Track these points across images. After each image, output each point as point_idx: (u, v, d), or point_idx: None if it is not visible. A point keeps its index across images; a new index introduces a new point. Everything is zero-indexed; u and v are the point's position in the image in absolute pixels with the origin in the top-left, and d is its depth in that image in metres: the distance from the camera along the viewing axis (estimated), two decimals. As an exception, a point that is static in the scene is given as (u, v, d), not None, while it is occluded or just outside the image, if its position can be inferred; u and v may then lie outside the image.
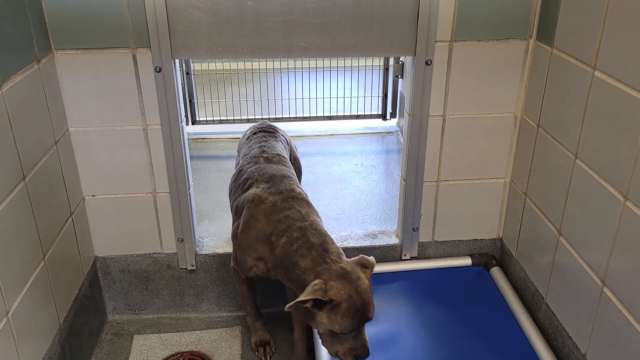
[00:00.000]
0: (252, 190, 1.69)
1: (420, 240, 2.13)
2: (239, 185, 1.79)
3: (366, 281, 1.46)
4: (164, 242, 2.07)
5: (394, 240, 2.15)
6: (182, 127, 1.93)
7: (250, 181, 1.74)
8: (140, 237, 2.05)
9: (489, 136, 1.97)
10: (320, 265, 1.46)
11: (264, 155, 1.87)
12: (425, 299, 1.99)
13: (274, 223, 1.58)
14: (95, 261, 2.08)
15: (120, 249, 2.07)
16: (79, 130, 1.87)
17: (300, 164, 2.23)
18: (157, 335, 2.11)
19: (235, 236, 1.71)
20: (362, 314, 1.43)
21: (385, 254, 2.14)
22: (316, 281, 1.42)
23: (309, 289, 1.41)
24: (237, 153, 2.11)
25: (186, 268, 2.11)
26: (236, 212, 1.73)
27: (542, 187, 1.81)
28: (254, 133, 2.06)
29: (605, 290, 1.47)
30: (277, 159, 1.86)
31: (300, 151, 3.46)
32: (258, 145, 1.94)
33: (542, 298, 1.83)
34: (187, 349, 2.05)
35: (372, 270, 1.51)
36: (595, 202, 1.51)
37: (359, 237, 2.18)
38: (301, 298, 1.39)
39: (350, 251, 2.12)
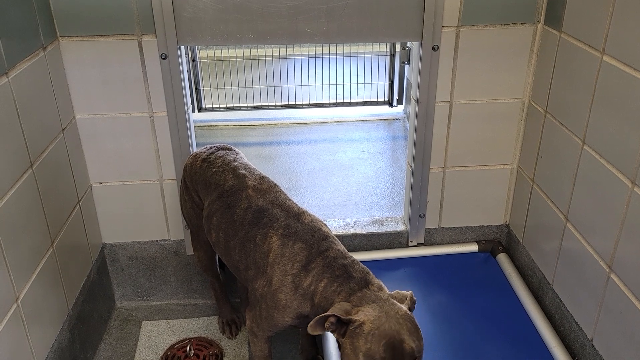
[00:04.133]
0: (274, 240, 1.47)
1: (426, 226, 2.13)
2: (247, 230, 1.54)
3: (404, 308, 1.27)
4: (171, 228, 2.08)
5: (400, 226, 2.15)
6: (188, 114, 1.93)
7: (263, 229, 1.51)
8: (148, 224, 2.07)
9: (496, 122, 1.96)
10: (355, 293, 1.31)
11: (256, 183, 1.62)
12: (432, 285, 1.99)
13: (313, 271, 1.40)
14: (103, 248, 2.09)
15: (127, 235, 2.08)
16: (85, 117, 1.87)
17: None
18: (165, 321, 2.13)
19: (265, 296, 1.48)
20: (395, 343, 1.19)
21: (392, 240, 2.14)
22: (344, 302, 1.29)
23: (333, 307, 1.28)
24: (185, 183, 1.81)
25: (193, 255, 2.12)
26: (256, 266, 1.51)
27: (550, 173, 1.80)
28: (212, 153, 1.76)
29: (612, 276, 1.47)
30: (265, 185, 1.63)
31: (306, 138, 3.47)
32: (239, 172, 1.66)
33: (549, 284, 1.83)
34: (195, 335, 2.07)
35: (411, 302, 1.31)
36: (603, 187, 1.50)
37: (366, 224, 2.18)
38: (322, 315, 1.24)
39: (356, 238, 2.13)
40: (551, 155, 1.79)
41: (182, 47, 1.85)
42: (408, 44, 3.39)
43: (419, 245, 2.16)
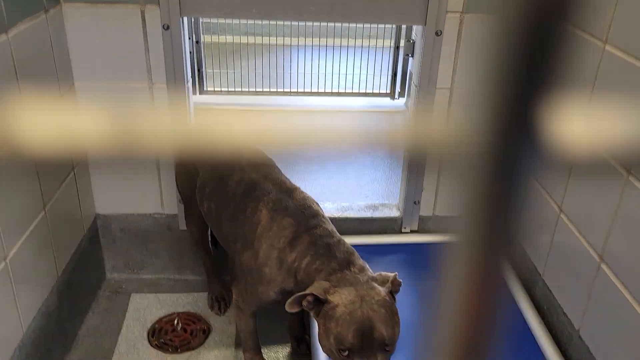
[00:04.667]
0: (264, 213, 1.46)
1: (420, 214, 2.12)
2: (238, 202, 1.54)
3: (381, 293, 1.25)
4: (165, 202, 2.08)
5: (394, 212, 2.15)
6: (188, 87, 1.92)
7: (253, 202, 1.51)
8: (142, 196, 2.06)
9: (496, 112, 1.95)
10: (335, 273, 1.29)
11: (250, 158, 1.61)
12: (423, 273, 1.99)
13: (298, 247, 1.39)
14: (96, 218, 2.09)
15: (121, 207, 2.08)
16: (84, 85, 1.87)
17: None
18: (154, 295, 2.13)
19: (251, 269, 1.48)
20: (365, 330, 1.18)
21: (385, 226, 2.14)
22: (323, 281, 1.28)
23: (311, 286, 1.27)
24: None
25: (186, 229, 2.12)
26: (244, 239, 1.50)
27: (546, 164, 1.80)
28: None
29: (603, 266, 1.47)
30: (260, 159, 1.62)
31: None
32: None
33: (539, 275, 1.83)
34: (184, 310, 2.06)
35: (393, 284, 1.29)
36: (598, 176, 1.49)
37: (360, 208, 2.18)
38: (300, 293, 1.25)
39: (350, 222, 2.13)
40: (548, 145, 1.78)
41: (185, 19, 1.85)
42: (413, 36, 3.38)
43: (412, 232, 2.15)
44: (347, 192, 2.62)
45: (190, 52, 2.98)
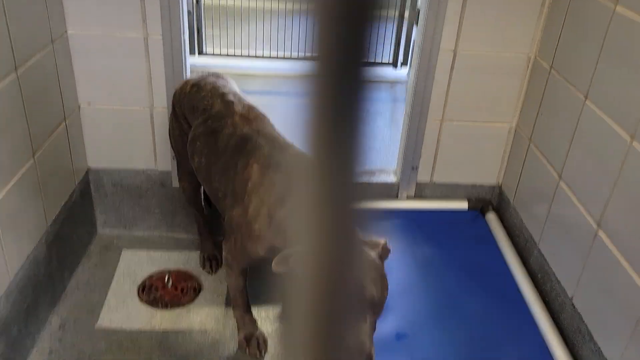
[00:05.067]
0: (255, 168, 1.43)
1: (418, 180, 2.09)
2: (228, 157, 1.50)
3: (372, 255, 1.23)
4: (159, 159, 2.04)
5: (391, 178, 2.12)
6: (184, 40, 1.87)
7: (245, 157, 1.48)
8: (135, 152, 2.02)
9: (500, 77, 1.91)
10: None
11: (244, 111, 1.58)
12: (418, 239, 1.97)
13: (288, 204, 1.35)
14: (88, 172, 2.05)
15: (114, 162, 2.05)
16: (78, 33, 1.81)
17: None
18: (145, 251, 2.11)
19: (240, 225, 1.45)
20: (355, 290, 1.20)
21: (382, 191, 2.11)
22: None
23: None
24: (174, 110, 1.77)
25: (179, 187, 2.09)
26: (234, 194, 1.47)
27: (548, 131, 1.76)
28: (203, 79, 1.72)
29: (600, 233, 1.44)
30: (253, 114, 1.59)
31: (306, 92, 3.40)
32: (227, 99, 1.62)
33: (535, 244, 1.81)
34: (175, 268, 2.04)
35: (383, 250, 1.26)
36: (601, 143, 1.46)
37: (357, 172, 2.14)
38: (286, 251, 1.22)
39: (346, 185, 2.09)
40: (552, 112, 1.74)
41: (183, -32, 1.79)
42: (418, 5, 3.31)
43: (408, 198, 2.13)
44: (345, 158, 2.58)
45: (189, 12, 2.91)
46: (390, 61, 3.60)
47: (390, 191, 2.12)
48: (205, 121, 1.60)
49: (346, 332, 1.18)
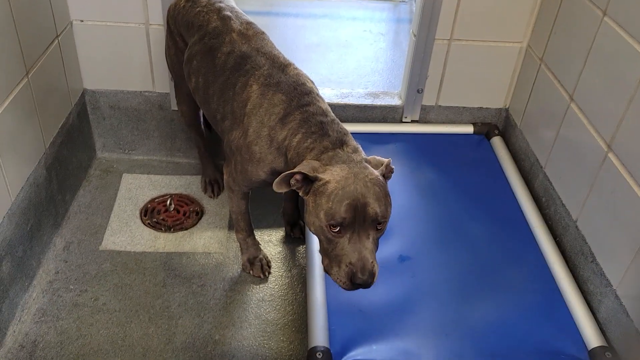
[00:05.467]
0: (254, 88, 1.38)
1: (423, 103, 2.04)
2: (227, 77, 1.45)
3: (376, 172, 1.20)
4: (156, 80, 1.98)
5: (396, 101, 2.07)
6: (180, -49, 1.75)
7: (244, 76, 1.42)
8: (132, 72, 1.96)
9: (512, -7, 1.82)
10: (327, 152, 1.23)
11: (242, 28, 1.50)
12: (422, 163, 1.94)
13: (289, 124, 1.32)
14: (84, 93, 1.99)
15: (110, 83, 1.98)
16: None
17: None
18: (146, 175, 2.09)
19: (240, 148, 1.41)
20: (358, 205, 1.13)
21: (386, 114, 2.07)
22: (312, 160, 1.22)
23: (300, 165, 1.21)
24: (169, 27, 1.69)
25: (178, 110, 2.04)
26: (233, 116, 1.43)
27: (561, 50, 1.70)
28: None
29: (610, 155, 1.42)
30: (252, 31, 1.51)
31: (306, 12, 3.27)
32: (223, 14, 1.54)
33: (541, 167, 1.79)
34: (177, 192, 2.03)
35: (386, 169, 1.23)
36: (617, 61, 1.40)
37: (360, 95, 2.09)
38: (288, 171, 1.19)
39: (349, 109, 2.05)
40: (566, 30, 1.67)
41: None
42: None
43: (413, 122, 2.08)
44: (347, 82, 2.51)
45: None
46: (394, -20, 3.43)
47: (394, 114, 2.07)
48: (201, 38, 1.53)
49: (349, 248, 1.17)
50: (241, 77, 1.41)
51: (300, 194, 1.22)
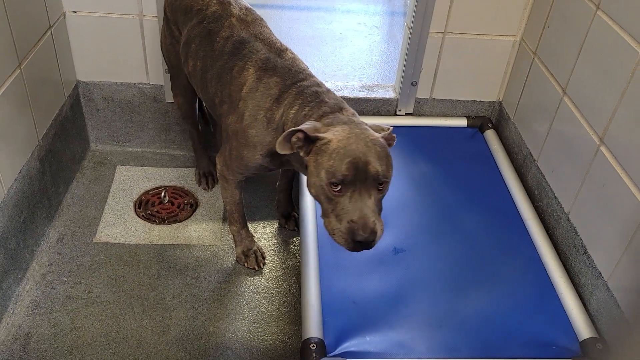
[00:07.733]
0: (250, 72, 1.38)
1: (417, 96, 2.05)
2: (225, 61, 1.45)
3: (375, 134, 1.20)
4: (151, 72, 1.97)
5: (390, 94, 2.07)
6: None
7: (241, 60, 1.42)
8: (125, 64, 1.95)
9: (506, -13, 1.82)
10: (327, 115, 1.24)
11: (241, 13, 1.51)
12: (416, 156, 1.95)
13: (285, 101, 1.32)
14: (78, 85, 1.98)
15: (104, 75, 1.97)
16: None
17: None
18: (140, 168, 2.09)
19: (236, 132, 1.41)
20: (360, 163, 1.13)
21: (380, 107, 2.07)
22: (314, 121, 1.22)
23: (302, 124, 1.21)
24: (165, 15, 1.68)
25: (173, 102, 2.03)
26: (230, 100, 1.42)
27: (554, 43, 1.70)
28: None
29: (602, 148, 1.43)
30: (251, 17, 1.52)
31: (300, 4, 3.27)
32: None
33: (534, 160, 1.80)
34: (171, 184, 2.03)
35: (389, 136, 1.24)
36: (610, 55, 1.41)
37: (355, 88, 2.09)
38: (289, 129, 1.19)
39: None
40: (559, 23, 1.68)
41: None
42: None
43: (407, 115, 2.09)
44: (341, 75, 2.51)
45: None
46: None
47: (388, 107, 2.07)
48: (200, 22, 1.53)
49: (350, 206, 1.16)
50: (238, 61, 1.42)
51: (301, 153, 1.22)
